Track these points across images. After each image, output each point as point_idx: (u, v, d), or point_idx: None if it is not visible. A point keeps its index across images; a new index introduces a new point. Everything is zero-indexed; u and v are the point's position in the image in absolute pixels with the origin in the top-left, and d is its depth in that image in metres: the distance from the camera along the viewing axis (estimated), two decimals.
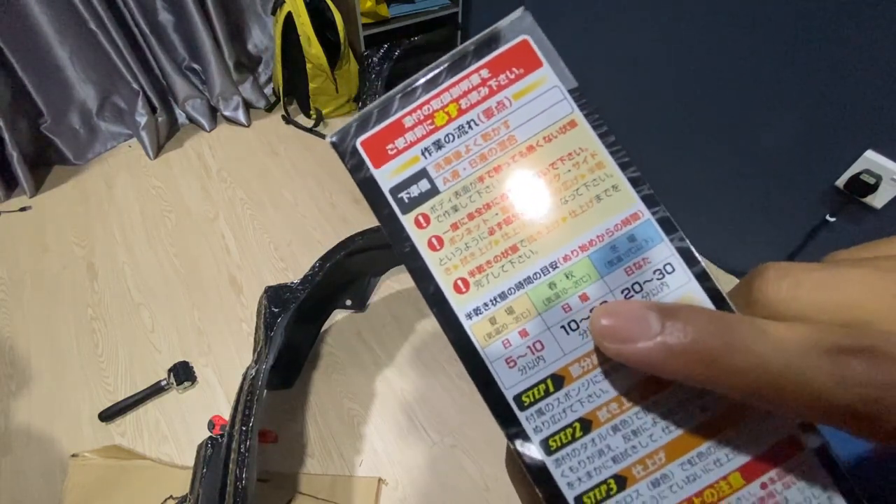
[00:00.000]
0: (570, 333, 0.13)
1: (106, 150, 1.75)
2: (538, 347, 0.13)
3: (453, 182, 0.13)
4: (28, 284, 1.35)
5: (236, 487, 0.69)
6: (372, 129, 0.14)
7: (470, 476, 0.97)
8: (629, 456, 0.12)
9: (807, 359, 0.09)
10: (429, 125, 0.13)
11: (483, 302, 0.13)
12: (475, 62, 0.13)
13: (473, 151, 0.13)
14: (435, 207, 0.13)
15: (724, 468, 0.12)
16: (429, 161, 0.13)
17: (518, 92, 0.13)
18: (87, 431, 1.06)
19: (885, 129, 0.87)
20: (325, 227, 1.45)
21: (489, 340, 0.13)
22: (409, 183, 0.13)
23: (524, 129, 0.13)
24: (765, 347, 0.10)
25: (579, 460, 0.12)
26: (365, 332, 1.20)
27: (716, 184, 1.22)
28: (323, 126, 1.81)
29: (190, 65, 1.80)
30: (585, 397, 0.12)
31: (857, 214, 0.96)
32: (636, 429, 0.12)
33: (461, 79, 0.13)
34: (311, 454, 1.01)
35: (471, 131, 0.13)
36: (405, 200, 0.13)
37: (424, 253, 0.13)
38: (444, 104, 0.13)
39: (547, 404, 0.13)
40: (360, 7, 1.60)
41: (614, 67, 1.33)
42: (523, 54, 0.13)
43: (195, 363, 1.15)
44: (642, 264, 0.13)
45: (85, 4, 1.46)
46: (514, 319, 0.13)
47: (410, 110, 0.13)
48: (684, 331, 0.10)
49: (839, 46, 0.87)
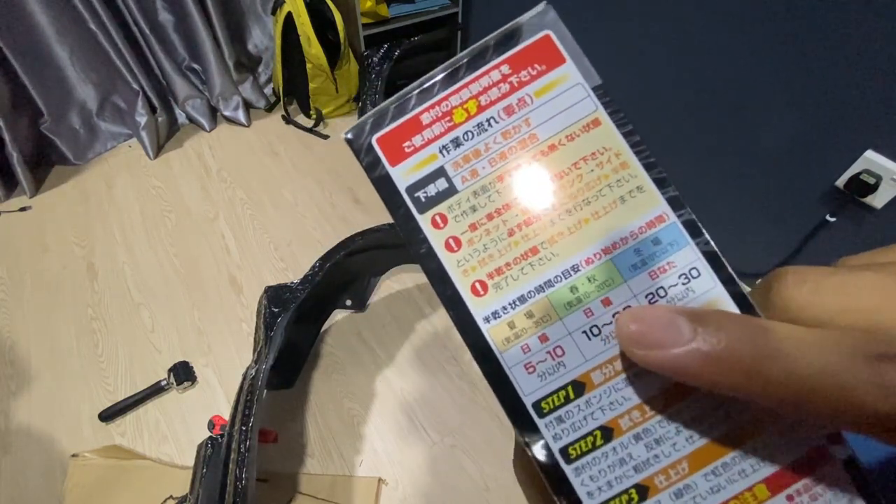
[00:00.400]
0: (591, 339, 0.12)
1: (106, 150, 1.75)
2: (558, 353, 0.12)
3: (472, 181, 0.13)
4: (28, 284, 1.35)
5: (236, 487, 0.69)
6: (388, 125, 0.13)
7: (470, 476, 0.97)
8: (651, 465, 0.12)
9: (845, 365, 0.09)
10: (447, 122, 0.13)
11: (502, 305, 0.13)
12: (495, 58, 0.13)
13: (493, 150, 0.13)
14: (452, 207, 0.13)
15: (749, 479, 0.11)
16: (447, 159, 0.13)
17: (540, 89, 0.13)
18: (87, 431, 1.06)
19: (885, 129, 0.87)
20: (325, 227, 1.45)
21: (508, 345, 0.13)
22: (426, 182, 0.13)
23: (546, 128, 0.13)
24: (801, 353, 0.09)
25: (600, 469, 0.12)
26: (365, 332, 1.20)
27: (716, 184, 1.22)
28: (323, 126, 1.81)
29: (190, 65, 1.80)
30: (607, 405, 0.12)
31: (857, 214, 0.96)
32: (659, 437, 0.12)
33: (481, 75, 0.13)
34: (311, 454, 1.01)
35: (490, 129, 0.13)
36: (422, 200, 0.13)
37: (441, 254, 0.13)
38: (464, 101, 0.13)
39: (567, 411, 0.12)
40: (360, 7, 1.60)
41: (614, 67, 1.33)
42: (545, 50, 0.13)
43: (195, 363, 1.15)
44: (667, 268, 0.12)
45: (85, 4, 1.46)
46: (534, 324, 0.13)
47: (428, 107, 0.13)
48: (717, 337, 0.10)
49: (839, 46, 0.87)
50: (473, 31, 1.82)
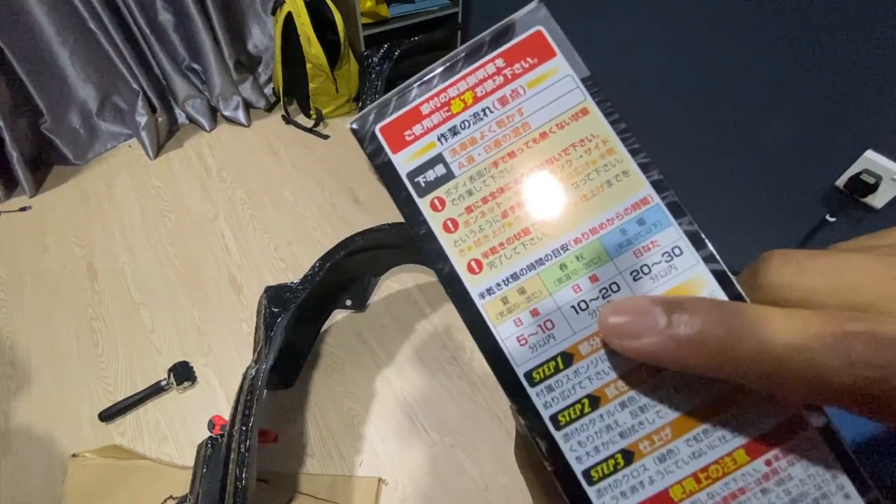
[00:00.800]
0: (579, 313, 0.13)
1: (106, 150, 1.75)
2: (549, 326, 0.13)
3: (468, 167, 0.14)
4: (28, 284, 1.35)
5: (236, 487, 0.69)
6: (390, 115, 0.14)
7: (470, 476, 0.97)
8: (636, 431, 0.13)
9: (811, 343, 0.09)
10: (445, 112, 0.14)
11: (496, 282, 0.13)
12: (491, 52, 0.14)
13: (488, 137, 0.14)
14: (450, 191, 0.14)
15: (728, 445, 0.12)
16: (445, 147, 0.14)
17: (532, 81, 0.14)
18: (87, 431, 1.06)
19: (885, 129, 0.87)
20: (325, 227, 1.45)
21: (501, 319, 0.13)
22: (426, 168, 0.14)
23: (538, 117, 0.14)
24: (769, 334, 0.10)
25: (587, 435, 0.13)
26: (365, 332, 1.20)
27: (716, 183, 1.22)
28: (323, 126, 1.81)
29: (190, 65, 1.80)
30: (594, 374, 0.13)
31: (857, 214, 0.96)
32: (643, 405, 0.13)
33: (477, 68, 0.14)
34: (311, 454, 1.01)
35: (486, 118, 0.14)
36: (421, 184, 0.14)
37: (440, 235, 0.14)
38: (461, 92, 0.14)
39: (556, 381, 0.13)
40: (360, 7, 1.60)
41: (614, 67, 1.33)
42: (537, 44, 0.14)
43: (195, 363, 1.15)
44: (651, 247, 0.13)
45: (85, 4, 1.46)
46: (526, 299, 0.13)
47: (427, 98, 0.14)
48: (690, 322, 0.11)
49: (839, 46, 0.87)
50: (473, 31, 1.82)
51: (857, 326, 0.09)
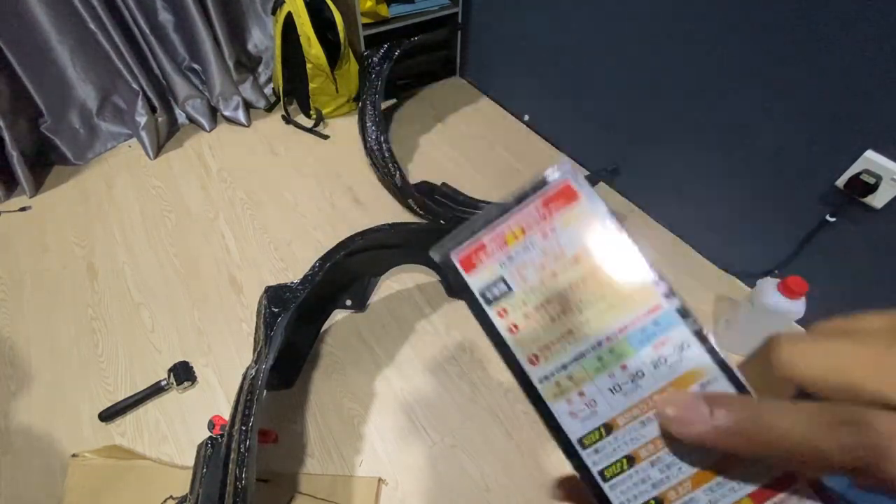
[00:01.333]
0: (615, 394, 0.17)
1: (106, 150, 1.75)
2: (592, 404, 0.17)
3: (523, 284, 0.18)
4: (28, 284, 1.35)
5: (236, 487, 0.69)
6: (463, 248, 0.19)
7: (470, 476, 0.97)
8: (664, 483, 0.16)
9: (815, 432, 0.12)
10: (503, 244, 0.18)
11: (550, 371, 0.17)
12: (532, 199, 0.18)
13: (536, 262, 0.18)
14: (511, 303, 0.18)
15: (738, 493, 0.15)
16: (505, 269, 0.18)
17: (565, 218, 0.18)
18: (87, 431, 1.06)
19: (885, 129, 0.87)
20: (325, 227, 1.46)
21: (556, 399, 0.17)
22: (492, 286, 0.18)
23: (570, 246, 0.18)
24: (786, 425, 0.13)
25: (627, 486, 0.16)
26: (365, 332, 1.21)
27: (716, 184, 1.22)
28: (323, 126, 1.81)
29: (190, 65, 1.80)
30: (630, 440, 0.17)
31: (857, 214, 0.96)
32: (668, 463, 0.16)
33: (523, 210, 0.18)
34: (311, 454, 1.01)
35: (533, 248, 0.18)
36: (489, 298, 0.18)
37: (506, 336, 0.18)
38: (513, 229, 0.18)
39: (602, 445, 0.17)
40: (360, 7, 1.60)
41: (614, 67, 1.33)
42: (566, 192, 0.18)
43: (195, 363, 1.15)
44: (666, 342, 0.17)
45: (85, 4, 1.46)
46: (574, 384, 0.17)
47: (490, 234, 0.18)
48: (727, 417, 0.14)
49: (839, 46, 0.87)
50: (473, 31, 1.82)
51: (844, 417, 0.12)
